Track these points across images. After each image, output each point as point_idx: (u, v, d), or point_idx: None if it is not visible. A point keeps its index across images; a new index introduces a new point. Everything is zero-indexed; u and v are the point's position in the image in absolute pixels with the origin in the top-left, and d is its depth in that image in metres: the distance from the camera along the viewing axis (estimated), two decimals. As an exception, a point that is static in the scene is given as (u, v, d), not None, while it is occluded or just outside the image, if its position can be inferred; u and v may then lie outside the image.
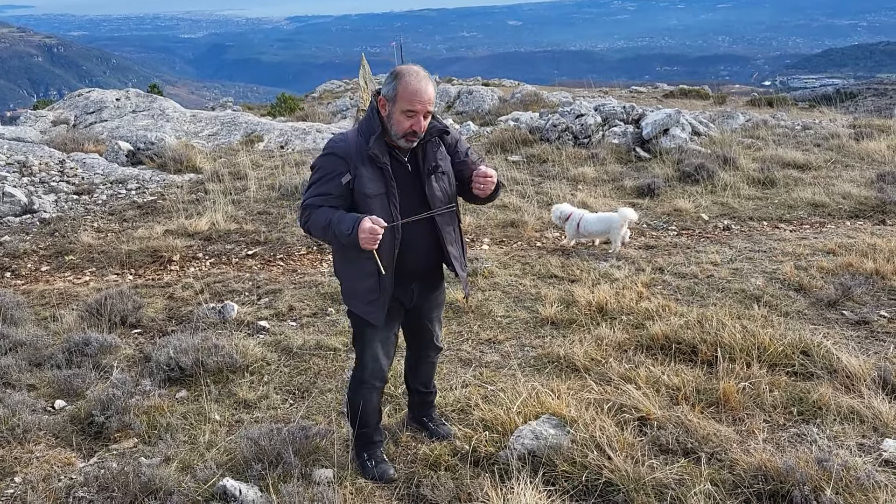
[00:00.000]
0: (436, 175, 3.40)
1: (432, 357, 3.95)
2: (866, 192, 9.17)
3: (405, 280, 3.47)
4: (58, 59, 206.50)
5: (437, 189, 3.40)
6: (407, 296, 3.55)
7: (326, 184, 3.29)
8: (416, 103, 3.17)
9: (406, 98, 3.17)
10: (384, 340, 3.60)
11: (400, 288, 3.47)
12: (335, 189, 3.28)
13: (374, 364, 3.60)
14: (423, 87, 3.18)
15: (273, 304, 6.19)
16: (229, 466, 3.72)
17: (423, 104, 3.18)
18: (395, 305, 3.52)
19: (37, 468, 3.79)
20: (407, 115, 3.20)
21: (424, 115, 3.22)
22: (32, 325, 5.80)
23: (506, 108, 20.11)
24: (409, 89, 3.17)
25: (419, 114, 3.19)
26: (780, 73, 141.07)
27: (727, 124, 14.08)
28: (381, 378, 3.68)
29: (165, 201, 9.57)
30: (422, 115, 3.20)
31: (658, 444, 3.70)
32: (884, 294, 5.89)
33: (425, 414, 4.08)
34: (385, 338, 3.60)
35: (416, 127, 3.22)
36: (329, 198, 3.29)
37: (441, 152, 3.44)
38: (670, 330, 4.99)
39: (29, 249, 7.99)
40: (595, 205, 8.99)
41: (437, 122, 3.39)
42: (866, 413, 3.91)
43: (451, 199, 3.48)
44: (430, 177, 3.38)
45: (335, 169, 3.28)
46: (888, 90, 29.47)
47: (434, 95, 3.25)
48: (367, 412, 3.67)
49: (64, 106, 17.10)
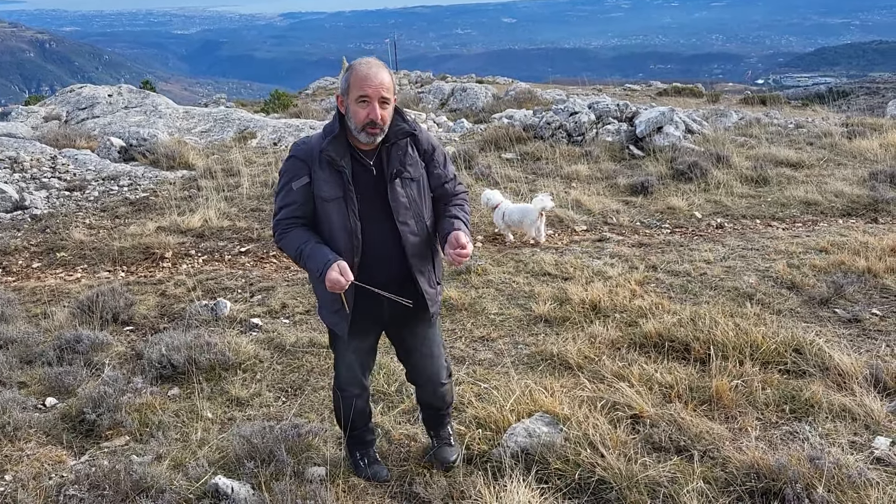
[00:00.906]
0: (401, 180, 3.16)
1: (431, 389, 3.59)
2: (858, 191, 9.19)
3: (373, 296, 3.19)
4: (50, 54, 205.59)
5: (401, 195, 3.16)
6: (378, 310, 3.30)
7: (289, 192, 3.17)
8: (366, 87, 2.99)
9: (357, 84, 3.01)
10: (357, 351, 3.45)
11: (369, 300, 3.22)
12: (298, 196, 3.16)
13: (348, 373, 3.50)
14: (373, 72, 3.01)
15: (266, 302, 6.17)
16: (221, 464, 3.70)
17: (373, 88, 2.99)
18: (367, 319, 3.32)
19: (27, 466, 3.77)
20: (361, 103, 3.01)
21: (381, 103, 3.01)
22: (23, 322, 5.77)
23: (500, 106, 20.12)
24: (359, 75, 3.01)
25: (372, 100, 2.99)
26: (774, 71, 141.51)
27: (720, 122, 14.09)
28: (359, 385, 3.53)
29: (158, 198, 9.54)
30: (376, 101, 2.99)
31: (651, 442, 3.71)
32: (876, 292, 5.91)
33: (433, 427, 3.77)
34: (358, 349, 3.44)
35: (373, 115, 3.00)
36: (294, 208, 3.17)
37: (411, 157, 3.19)
38: (663, 328, 5.00)
39: (20, 246, 7.95)
40: (588, 203, 9.00)
41: (406, 125, 3.18)
42: (858, 411, 3.92)
43: (420, 209, 3.22)
44: (394, 181, 3.14)
45: (296, 173, 3.16)
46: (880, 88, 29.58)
47: (391, 83, 3.04)
48: (352, 416, 3.57)
49: (56, 102, 17.02)
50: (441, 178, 3.29)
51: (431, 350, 3.50)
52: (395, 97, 3.13)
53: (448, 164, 3.34)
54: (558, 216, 8.55)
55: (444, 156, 3.34)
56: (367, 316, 3.31)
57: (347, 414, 3.55)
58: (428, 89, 24.99)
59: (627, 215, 8.71)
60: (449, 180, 3.32)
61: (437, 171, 3.29)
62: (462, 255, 3.08)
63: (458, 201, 3.34)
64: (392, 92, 3.06)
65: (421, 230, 3.23)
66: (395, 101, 3.12)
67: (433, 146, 3.29)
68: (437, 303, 3.38)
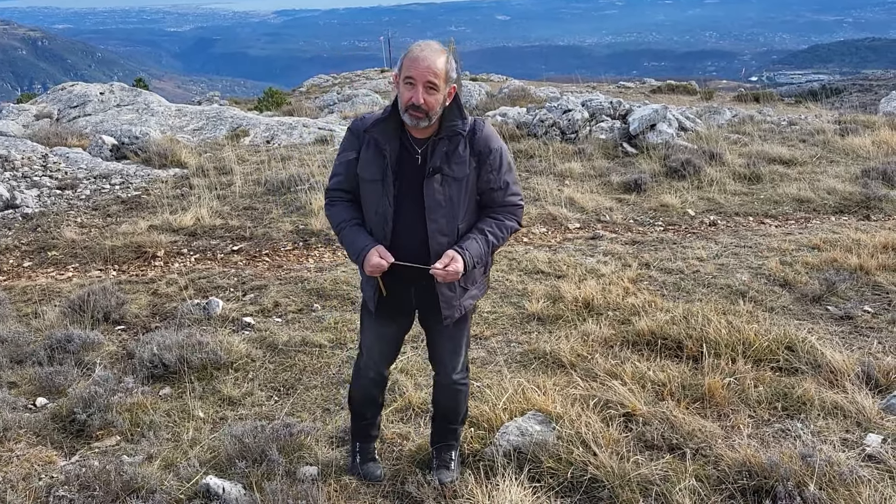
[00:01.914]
0: (442, 177, 3.05)
1: (443, 381, 3.50)
2: (851, 188, 9.22)
3: (402, 279, 3.17)
4: (42, 52, 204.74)
5: (437, 193, 3.06)
6: (406, 297, 3.28)
7: (340, 164, 3.21)
8: (412, 69, 2.92)
9: (406, 66, 2.94)
10: (379, 336, 3.44)
11: (398, 285, 3.21)
12: (345, 168, 3.19)
13: (368, 354, 3.49)
14: (424, 55, 2.92)
15: (258, 301, 6.15)
16: (213, 464, 3.69)
17: (420, 71, 2.90)
18: (393, 305, 3.30)
19: (17, 467, 3.75)
20: (407, 84, 2.94)
21: (426, 88, 2.91)
22: (14, 322, 5.73)
23: (493, 103, 20.07)
24: (410, 57, 2.94)
25: (418, 83, 2.90)
26: (767, 68, 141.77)
27: (714, 120, 14.11)
28: (375, 371, 3.51)
29: (150, 196, 9.50)
30: (421, 84, 2.90)
31: (643, 440, 3.71)
32: (868, 289, 5.93)
33: (438, 442, 3.64)
34: (380, 334, 3.43)
35: (415, 98, 2.91)
36: (341, 179, 3.21)
37: (459, 156, 3.05)
38: (656, 325, 5.00)
39: (11, 245, 7.90)
40: (582, 200, 9.00)
41: (459, 123, 3.05)
42: (850, 408, 3.93)
43: (455, 210, 3.10)
44: (432, 177, 3.04)
45: (347, 147, 3.19)
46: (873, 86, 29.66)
47: (443, 70, 2.92)
48: (362, 401, 3.59)
49: (47, 100, 16.93)
50: (489, 182, 3.13)
51: (455, 347, 3.42)
52: (451, 86, 3.02)
53: (505, 171, 3.15)
54: (551, 214, 8.55)
55: (501, 161, 3.13)
56: (394, 302, 3.28)
57: (359, 397, 3.58)
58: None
59: (621, 213, 8.72)
60: (498, 188, 3.14)
61: (486, 176, 3.12)
62: (438, 272, 3.00)
63: (499, 215, 3.18)
64: (443, 79, 2.95)
65: (451, 231, 3.11)
66: (451, 90, 3.02)
67: (490, 149, 3.10)
68: (457, 307, 3.23)
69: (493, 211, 3.19)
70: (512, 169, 3.21)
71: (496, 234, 3.14)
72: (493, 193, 3.16)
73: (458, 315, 3.25)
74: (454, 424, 3.60)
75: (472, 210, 3.18)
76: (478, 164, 3.10)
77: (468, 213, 3.15)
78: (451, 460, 3.60)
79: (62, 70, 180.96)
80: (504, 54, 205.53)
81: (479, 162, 3.10)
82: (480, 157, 3.09)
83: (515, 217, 3.21)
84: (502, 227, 3.17)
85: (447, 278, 3.03)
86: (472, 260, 3.06)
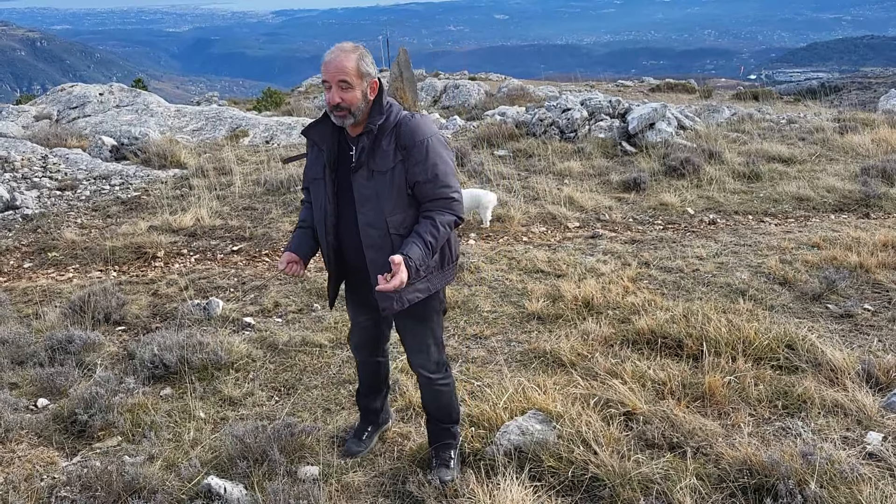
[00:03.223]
0: (367, 171, 3.13)
1: (420, 381, 3.59)
2: (850, 186, 9.22)
3: (350, 273, 3.40)
4: (41, 53, 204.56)
5: (364, 187, 3.15)
6: (364, 292, 3.38)
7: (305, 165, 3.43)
8: (325, 73, 3.05)
9: (322, 71, 3.08)
10: (356, 324, 3.68)
11: (354, 278, 3.45)
12: (304, 172, 3.44)
13: (351, 338, 3.81)
14: (332, 56, 3.04)
15: (258, 301, 6.16)
16: (214, 464, 3.69)
17: (330, 73, 3.02)
18: (356, 299, 3.54)
19: (19, 467, 3.75)
20: (325, 88, 3.08)
21: (340, 87, 3.02)
22: (15, 323, 5.73)
23: (492, 103, 20.10)
24: (323, 62, 3.07)
25: (332, 83, 3.03)
26: (766, 66, 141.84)
27: (713, 118, 14.12)
28: (360, 353, 3.80)
29: (149, 197, 9.50)
30: (334, 84, 3.02)
31: (644, 439, 3.71)
32: (868, 287, 5.93)
33: (434, 442, 3.67)
34: (354, 321, 3.67)
35: (332, 98, 3.04)
36: (303, 183, 3.49)
37: (382, 150, 3.12)
38: (656, 324, 5.00)
39: (11, 246, 7.91)
40: (581, 199, 9.00)
41: (379, 118, 3.12)
42: (850, 406, 3.93)
43: (383, 204, 3.14)
44: (358, 172, 3.15)
45: (307, 151, 3.40)
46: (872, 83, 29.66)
47: (353, 68, 3.01)
48: (360, 379, 3.89)
49: (47, 101, 16.92)
50: (416, 175, 3.13)
51: (418, 344, 3.47)
52: (372, 81, 3.09)
53: (432, 163, 3.13)
54: (551, 213, 8.56)
55: (427, 153, 3.12)
56: (357, 296, 3.52)
57: (358, 370, 3.88)
58: (420, 86, 24.94)
59: (620, 212, 8.72)
60: (426, 181, 3.13)
61: (412, 169, 3.13)
62: (382, 286, 2.99)
63: (433, 212, 3.16)
64: (355, 76, 3.03)
65: (379, 224, 3.16)
66: (373, 84, 3.10)
67: (414, 141, 3.11)
68: (395, 299, 3.22)
69: (427, 207, 3.18)
70: (443, 161, 3.16)
71: (434, 234, 3.13)
72: (422, 186, 3.15)
73: (397, 307, 3.24)
74: (446, 424, 3.63)
75: (404, 203, 3.18)
76: (404, 158, 3.13)
77: (397, 206, 3.16)
78: (450, 459, 3.61)
79: (61, 71, 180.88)
80: (502, 53, 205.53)
81: (405, 155, 3.13)
82: (406, 150, 3.12)
83: (450, 210, 3.17)
84: (436, 224, 3.14)
85: (395, 287, 2.99)
86: (416, 264, 3.06)
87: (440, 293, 3.42)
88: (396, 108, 3.21)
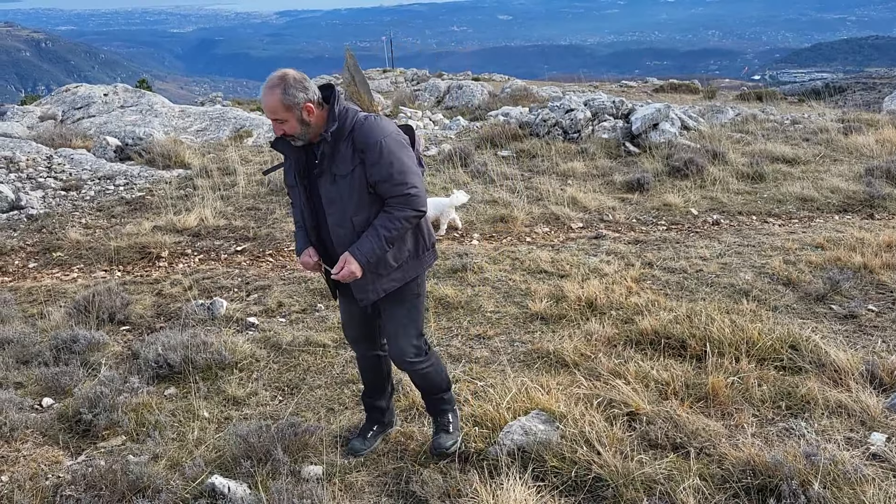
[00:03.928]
0: (329, 177, 3.34)
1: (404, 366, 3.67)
2: (854, 187, 9.21)
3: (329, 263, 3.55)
4: (46, 54, 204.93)
5: (329, 192, 3.37)
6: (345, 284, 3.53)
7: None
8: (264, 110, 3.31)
9: None
10: (349, 315, 3.78)
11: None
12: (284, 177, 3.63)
13: (343, 327, 3.93)
14: (262, 96, 3.24)
15: (262, 301, 6.17)
16: (218, 464, 3.70)
17: (265, 111, 3.27)
18: (343, 289, 3.64)
19: (24, 467, 3.77)
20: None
21: (275, 122, 3.25)
22: (20, 323, 5.76)
23: (496, 103, 20.09)
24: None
25: (272, 120, 3.27)
26: (770, 67, 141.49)
27: (717, 119, 14.10)
28: (351, 341, 3.89)
29: (154, 197, 9.52)
30: (272, 120, 3.26)
31: (647, 439, 3.71)
32: (872, 288, 5.92)
33: (430, 412, 3.89)
34: (349, 312, 3.76)
35: (276, 132, 3.31)
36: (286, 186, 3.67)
37: (341, 154, 3.30)
38: (659, 325, 5.00)
39: (16, 246, 7.93)
40: (584, 200, 9.00)
41: (332, 125, 3.27)
42: (854, 407, 3.93)
43: (346, 205, 3.34)
44: (320, 179, 3.37)
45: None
46: (877, 84, 29.57)
47: (277, 103, 3.18)
48: (361, 372, 3.97)
49: (51, 101, 16.96)
50: (373, 175, 3.29)
51: (396, 329, 3.59)
52: (304, 105, 3.22)
53: (387, 163, 3.27)
54: (554, 213, 8.56)
55: (381, 153, 3.26)
56: (344, 289, 3.62)
57: (360, 370, 3.97)
58: (424, 87, 24.95)
59: (623, 212, 8.72)
60: (383, 180, 3.29)
61: (370, 169, 3.29)
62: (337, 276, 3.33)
63: (391, 207, 3.33)
64: (283, 110, 3.20)
65: (345, 223, 3.38)
66: (306, 107, 3.22)
67: (368, 143, 3.26)
68: (371, 290, 3.46)
69: (387, 202, 3.35)
70: (398, 160, 3.30)
71: (386, 227, 3.31)
72: (380, 185, 3.32)
73: (374, 297, 3.48)
74: (438, 394, 3.80)
75: (367, 202, 3.36)
76: (362, 160, 3.29)
77: (360, 206, 3.35)
78: (448, 423, 3.78)
79: (66, 72, 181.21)
80: (506, 54, 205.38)
81: (363, 157, 3.29)
82: (363, 153, 3.29)
83: (408, 206, 3.32)
84: (392, 218, 3.32)
85: (346, 278, 3.33)
86: (365, 256, 3.30)
87: (418, 279, 3.58)
88: (353, 112, 3.35)
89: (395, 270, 3.45)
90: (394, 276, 3.46)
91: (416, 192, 3.33)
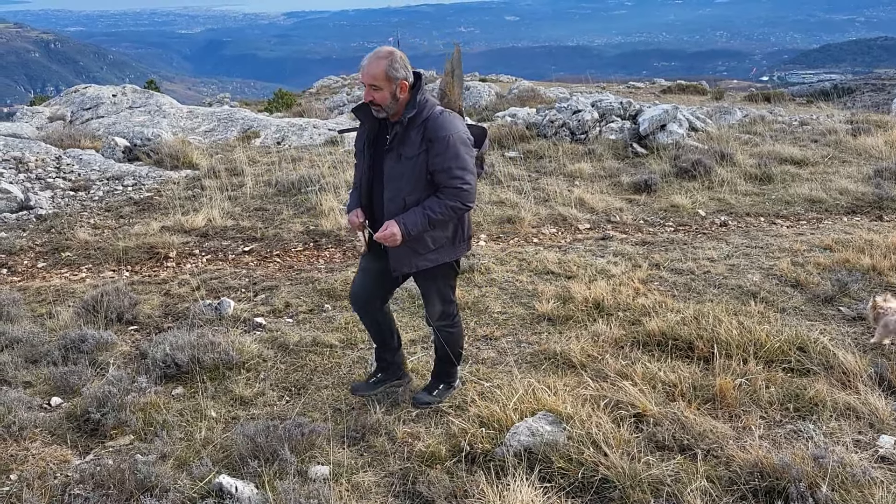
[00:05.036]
0: (396, 154, 3.72)
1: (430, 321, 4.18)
2: (863, 188, 9.17)
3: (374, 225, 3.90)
4: (55, 55, 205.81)
5: (392, 169, 3.74)
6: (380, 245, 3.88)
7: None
8: (361, 76, 3.64)
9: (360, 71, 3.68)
10: (365, 270, 4.17)
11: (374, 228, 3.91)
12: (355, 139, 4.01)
13: (353, 287, 4.28)
14: (365, 63, 3.63)
15: (269, 301, 6.18)
16: (225, 463, 3.71)
17: (363, 77, 3.62)
18: (377, 249, 3.97)
19: (32, 466, 3.78)
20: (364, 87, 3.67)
21: (370, 88, 3.61)
22: (28, 322, 5.78)
23: (503, 104, 20.09)
24: (361, 64, 3.67)
25: (366, 85, 3.63)
26: (778, 68, 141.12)
27: (724, 120, 14.07)
28: (355, 301, 4.26)
29: (162, 198, 9.55)
30: (366, 86, 3.61)
31: (654, 441, 3.71)
32: (880, 290, 5.88)
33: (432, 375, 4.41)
34: (366, 268, 4.15)
35: (365, 98, 3.67)
36: (355, 148, 4.01)
37: (410, 139, 3.68)
38: (667, 326, 4.99)
39: (25, 246, 7.97)
40: (591, 201, 8.99)
41: (410, 112, 3.66)
42: (862, 409, 3.91)
43: (402, 184, 3.72)
44: (387, 154, 3.76)
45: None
46: (886, 85, 29.43)
47: (380, 72, 3.57)
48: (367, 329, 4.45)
49: (60, 102, 17.05)
50: (434, 165, 3.68)
51: (430, 296, 4.09)
52: (401, 82, 3.62)
53: (450, 157, 3.65)
54: (561, 214, 8.55)
55: (446, 147, 3.65)
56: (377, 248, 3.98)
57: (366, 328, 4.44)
58: (431, 87, 24.97)
59: (631, 213, 8.70)
60: (441, 170, 3.67)
61: (433, 159, 3.68)
62: (378, 235, 3.75)
63: (442, 194, 3.71)
64: (383, 79, 3.59)
65: (398, 199, 3.75)
66: (402, 84, 3.62)
67: (437, 136, 3.65)
68: (405, 264, 3.87)
69: (440, 191, 3.73)
70: (460, 156, 3.69)
71: (433, 210, 3.69)
72: (437, 175, 3.70)
73: (406, 270, 3.91)
74: (445, 362, 4.27)
75: (422, 186, 3.73)
76: (427, 148, 3.67)
77: (417, 188, 3.73)
78: (434, 388, 4.30)
79: (74, 72, 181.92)
80: (513, 55, 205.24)
81: (429, 146, 3.67)
82: (430, 142, 3.67)
83: (458, 198, 3.71)
84: (441, 204, 3.70)
85: (386, 238, 3.72)
86: (407, 227, 3.68)
87: (453, 264, 4.02)
88: (430, 103, 3.74)
89: (431, 252, 3.85)
90: (429, 257, 3.86)
91: (469, 188, 3.71)
